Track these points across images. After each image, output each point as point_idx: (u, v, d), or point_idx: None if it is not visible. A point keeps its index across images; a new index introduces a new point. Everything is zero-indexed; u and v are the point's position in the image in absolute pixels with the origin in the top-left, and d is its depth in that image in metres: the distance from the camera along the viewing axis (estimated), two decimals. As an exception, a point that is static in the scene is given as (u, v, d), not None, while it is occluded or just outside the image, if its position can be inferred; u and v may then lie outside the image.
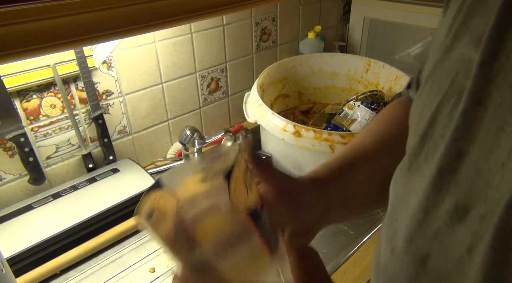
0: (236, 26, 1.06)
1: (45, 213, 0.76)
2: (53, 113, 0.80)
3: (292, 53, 1.28)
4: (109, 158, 0.90)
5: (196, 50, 1.00)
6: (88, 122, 0.86)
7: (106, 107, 0.88)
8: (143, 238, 0.79)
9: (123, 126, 0.93)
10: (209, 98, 1.09)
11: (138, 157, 0.99)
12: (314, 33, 1.23)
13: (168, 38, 0.93)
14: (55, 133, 0.82)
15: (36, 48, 0.31)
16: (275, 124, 0.76)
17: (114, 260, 0.74)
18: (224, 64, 1.08)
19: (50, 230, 0.72)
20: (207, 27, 1.00)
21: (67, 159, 0.86)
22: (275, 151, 0.86)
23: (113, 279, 0.70)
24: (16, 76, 0.71)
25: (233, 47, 1.08)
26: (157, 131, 1.01)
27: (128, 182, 0.84)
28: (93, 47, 0.81)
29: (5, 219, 0.74)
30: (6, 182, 0.79)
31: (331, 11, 1.36)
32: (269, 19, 1.14)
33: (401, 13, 1.19)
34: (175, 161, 1.00)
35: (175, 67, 0.97)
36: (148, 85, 0.94)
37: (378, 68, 0.99)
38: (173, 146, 1.05)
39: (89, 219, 0.75)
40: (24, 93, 0.75)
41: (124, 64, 0.87)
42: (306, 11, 1.25)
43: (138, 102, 0.94)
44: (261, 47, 1.17)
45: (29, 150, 0.75)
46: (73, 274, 0.71)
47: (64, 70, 0.77)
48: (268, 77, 0.96)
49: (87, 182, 0.84)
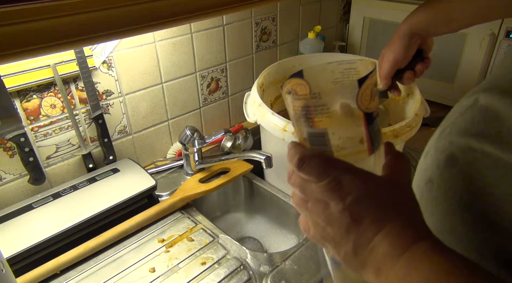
0: (236, 26, 1.06)
1: (45, 213, 0.76)
2: (53, 113, 0.80)
3: (292, 53, 1.28)
4: (109, 158, 0.90)
5: (196, 50, 1.00)
6: (88, 122, 0.86)
7: (106, 107, 0.88)
8: (143, 238, 0.79)
9: (123, 126, 0.93)
10: (209, 98, 1.09)
11: (138, 157, 0.99)
12: (314, 33, 1.23)
13: (168, 38, 0.93)
14: (55, 133, 0.82)
15: (36, 48, 0.31)
16: (275, 124, 0.76)
17: (114, 260, 0.74)
18: (224, 64, 1.08)
19: (50, 230, 0.72)
20: (207, 27, 1.00)
21: (67, 159, 0.86)
22: (275, 151, 0.86)
23: (113, 279, 0.70)
24: (16, 76, 0.71)
25: (233, 47, 1.08)
26: (157, 131, 1.01)
27: (128, 182, 0.84)
28: (93, 47, 0.81)
29: (5, 219, 0.74)
30: (6, 182, 0.79)
31: (331, 11, 1.36)
32: (269, 19, 1.14)
33: (401, 13, 1.18)
34: (175, 161, 1.00)
35: (175, 67, 0.97)
36: (148, 85, 0.94)
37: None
38: (173, 146, 1.05)
39: (89, 219, 0.75)
40: (24, 93, 0.75)
41: (124, 64, 0.87)
42: (306, 11, 1.25)
43: (138, 102, 0.94)
44: (261, 47, 1.17)
45: (29, 150, 0.75)
46: (73, 274, 0.71)
47: (64, 70, 0.77)
48: (268, 77, 0.96)
49: (87, 182, 0.84)
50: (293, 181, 0.33)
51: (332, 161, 0.31)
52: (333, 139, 0.31)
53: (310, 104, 0.30)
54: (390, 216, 0.29)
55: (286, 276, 0.70)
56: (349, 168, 0.31)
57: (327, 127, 0.31)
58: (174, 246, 0.76)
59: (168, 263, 0.73)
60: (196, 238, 0.79)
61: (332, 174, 0.30)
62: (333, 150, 0.32)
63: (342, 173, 0.30)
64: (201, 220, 0.83)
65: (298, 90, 0.34)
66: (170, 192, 0.91)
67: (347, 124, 0.31)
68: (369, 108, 0.31)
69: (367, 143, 0.32)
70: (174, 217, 0.84)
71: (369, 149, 0.32)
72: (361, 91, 0.29)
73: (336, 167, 0.30)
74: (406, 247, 0.28)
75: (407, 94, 0.91)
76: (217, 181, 0.93)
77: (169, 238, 0.78)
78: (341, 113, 0.31)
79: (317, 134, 0.31)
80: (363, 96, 0.30)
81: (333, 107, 0.30)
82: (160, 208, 0.83)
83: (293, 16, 1.22)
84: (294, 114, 0.32)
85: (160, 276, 0.70)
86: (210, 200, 1.00)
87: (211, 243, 0.77)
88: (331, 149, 0.32)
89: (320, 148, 0.32)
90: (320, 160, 0.31)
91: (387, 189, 0.31)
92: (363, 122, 0.31)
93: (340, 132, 0.31)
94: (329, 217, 0.30)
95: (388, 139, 0.71)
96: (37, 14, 0.30)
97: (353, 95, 0.30)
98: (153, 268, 0.71)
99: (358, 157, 0.32)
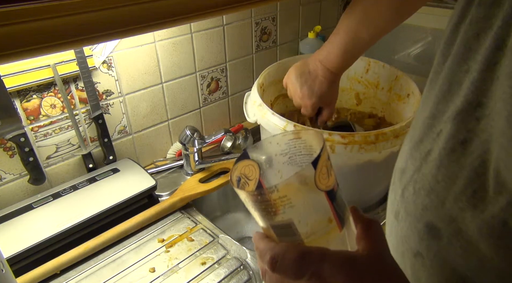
0: (236, 26, 1.06)
1: (45, 213, 0.76)
2: (53, 113, 0.80)
3: (292, 53, 1.28)
4: (109, 158, 0.90)
5: (196, 50, 1.00)
6: (88, 122, 0.86)
7: (106, 107, 0.88)
8: (143, 238, 0.79)
9: (123, 126, 0.93)
10: (209, 98, 1.09)
11: (138, 157, 0.99)
12: (314, 33, 1.23)
13: (168, 38, 0.93)
14: (55, 133, 0.82)
15: (36, 48, 0.31)
16: (275, 124, 0.76)
17: (114, 260, 0.74)
18: (224, 64, 1.08)
19: (50, 230, 0.72)
20: (207, 27, 1.00)
21: (67, 159, 0.86)
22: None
23: (113, 279, 0.70)
24: (16, 76, 0.71)
25: (233, 47, 1.08)
26: (157, 131, 1.01)
27: (128, 182, 0.84)
28: (93, 47, 0.81)
29: (5, 219, 0.74)
30: (6, 182, 0.79)
31: (331, 11, 1.36)
32: (269, 19, 1.14)
33: (401, 13, 1.19)
34: (175, 161, 1.00)
35: (175, 67, 0.97)
36: (148, 85, 0.94)
37: (378, 68, 0.99)
38: (173, 146, 1.05)
39: (89, 219, 0.75)
40: (24, 93, 0.75)
41: (124, 64, 0.87)
42: (306, 11, 1.25)
43: (138, 102, 0.94)
44: (261, 47, 1.17)
45: (29, 150, 0.75)
46: (73, 274, 0.71)
47: (64, 70, 0.77)
48: (268, 77, 0.96)
49: (87, 182, 0.84)
50: (269, 280, 0.31)
51: (306, 254, 0.29)
52: (301, 227, 0.30)
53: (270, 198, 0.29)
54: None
55: (286, 276, 0.70)
56: (325, 256, 0.28)
57: (291, 217, 0.30)
58: (174, 246, 0.76)
59: (168, 263, 0.73)
60: (196, 238, 0.79)
61: (310, 269, 0.28)
62: (302, 238, 0.30)
63: (319, 265, 0.28)
64: (201, 220, 0.83)
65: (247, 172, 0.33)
66: (170, 192, 0.91)
67: (312, 209, 0.30)
68: (329, 185, 0.30)
69: (336, 220, 0.31)
70: (174, 217, 0.84)
71: (339, 226, 0.31)
72: (317, 172, 0.29)
73: (312, 260, 0.28)
74: None
75: (407, 94, 0.91)
76: (217, 181, 0.93)
77: (169, 238, 0.78)
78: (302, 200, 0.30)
79: (283, 226, 0.30)
80: (321, 176, 0.29)
81: (293, 197, 0.29)
82: (160, 208, 0.83)
83: (293, 16, 1.22)
84: (253, 209, 0.31)
85: (160, 276, 0.70)
86: (210, 200, 1.00)
87: (211, 243, 0.77)
88: (300, 238, 0.30)
89: (289, 239, 0.31)
90: (294, 256, 0.28)
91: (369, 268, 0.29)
92: (327, 201, 0.30)
93: (307, 218, 0.30)
94: None
95: (388, 139, 0.71)
96: (37, 14, 0.30)
97: (311, 178, 0.29)
98: (153, 268, 0.71)
99: (329, 237, 0.31)
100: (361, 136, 0.70)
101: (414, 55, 1.25)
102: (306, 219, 0.30)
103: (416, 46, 1.24)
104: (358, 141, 0.70)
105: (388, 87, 0.98)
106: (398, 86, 0.95)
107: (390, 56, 1.28)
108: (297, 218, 0.30)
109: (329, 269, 0.28)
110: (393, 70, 0.96)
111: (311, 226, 0.30)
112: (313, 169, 0.29)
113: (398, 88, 0.95)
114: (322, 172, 0.29)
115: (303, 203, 0.30)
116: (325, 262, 0.28)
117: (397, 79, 0.95)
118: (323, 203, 0.30)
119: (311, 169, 0.28)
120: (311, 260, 0.28)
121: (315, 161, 0.28)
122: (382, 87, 1.00)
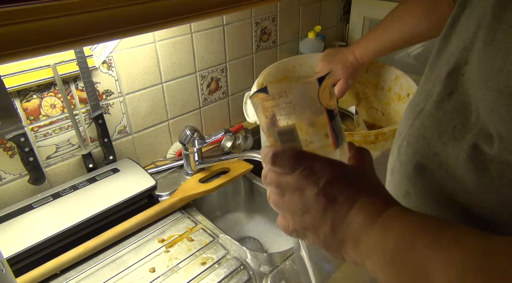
0: (236, 26, 1.06)
1: (45, 213, 0.76)
2: (53, 113, 0.80)
3: (292, 53, 1.28)
4: (109, 158, 0.90)
5: (196, 50, 1.00)
6: (88, 122, 0.86)
7: (106, 107, 0.88)
8: (143, 238, 0.79)
9: (123, 126, 0.93)
10: (209, 98, 1.09)
11: (138, 157, 0.99)
12: (314, 33, 1.23)
13: (168, 38, 0.93)
14: (55, 133, 0.82)
15: (36, 48, 0.31)
16: (275, 124, 0.76)
17: (114, 260, 0.74)
18: (224, 64, 1.08)
19: (50, 230, 0.72)
20: (207, 27, 1.00)
21: (67, 159, 0.86)
22: (275, 151, 0.86)
23: (113, 279, 0.70)
24: (16, 76, 0.71)
25: (233, 47, 1.08)
26: (157, 131, 1.01)
27: (128, 182, 0.84)
28: (93, 47, 0.81)
29: (5, 219, 0.74)
30: (6, 182, 0.79)
31: (331, 11, 1.36)
32: (269, 19, 1.14)
33: (401, 13, 1.19)
34: (175, 161, 1.00)
35: (175, 67, 0.97)
36: (148, 85, 0.94)
37: (378, 68, 0.99)
38: (173, 146, 1.05)
39: (89, 219, 0.75)
40: (24, 93, 0.75)
41: (124, 64, 0.87)
42: (306, 11, 1.25)
43: (138, 102, 0.94)
44: (261, 47, 1.17)
45: (29, 150, 0.75)
46: (73, 274, 0.71)
47: (64, 70, 0.77)
48: (268, 77, 0.96)
49: (87, 182, 0.84)
50: (269, 178, 0.35)
51: (303, 152, 0.34)
52: (301, 133, 0.35)
53: (279, 102, 0.33)
54: (361, 193, 0.32)
55: (286, 276, 0.70)
56: (319, 157, 0.33)
57: (294, 122, 0.34)
58: (174, 246, 0.76)
59: (168, 263, 0.73)
60: (196, 238, 0.79)
61: (304, 163, 0.33)
62: (302, 145, 0.35)
63: (313, 161, 0.33)
64: (201, 220, 0.83)
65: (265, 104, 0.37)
66: (170, 192, 0.91)
67: (313, 119, 0.35)
68: (329, 105, 0.34)
69: (332, 137, 0.35)
70: (174, 217, 0.84)
71: (334, 143, 0.36)
72: (321, 89, 0.33)
73: (307, 157, 0.33)
74: (378, 214, 0.30)
75: (407, 94, 0.91)
76: (217, 181, 0.93)
77: (169, 238, 0.78)
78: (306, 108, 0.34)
79: (287, 131, 0.35)
80: (323, 94, 0.33)
81: (298, 104, 0.33)
82: (160, 208, 0.83)
83: (293, 16, 1.22)
84: (264, 118, 0.35)
85: (160, 276, 0.70)
86: (210, 200, 1.00)
87: (211, 243, 0.77)
88: (300, 144, 0.35)
89: (290, 144, 0.35)
90: (292, 153, 0.33)
91: (355, 173, 0.34)
92: (326, 117, 0.34)
93: (307, 126, 0.35)
94: (306, 203, 0.33)
95: (388, 139, 0.71)
96: (37, 14, 0.30)
97: (315, 92, 0.33)
98: (153, 268, 0.71)
99: (325, 151, 0.35)
100: (361, 136, 0.70)
101: (414, 55, 1.25)
102: (306, 127, 0.35)
103: (416, 46, 1.24)
104: (357, 141, 0.70)
105: (388, 87, 0.98)
106: (398, 86, 0.95)
107: (390, 56, 1.28)
108: (299, 124, 0.34)
109: (320, 165, 0.33)
110: (393, 70, 0.96)
111: (310, 135, 0.35)
112: (317, 85, 0.33)
113: (398, 88, 0.95)
114: (325, 92, 0.33)
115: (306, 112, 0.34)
116: (319, 161, 0.33)
117: (397, 79, 0.95)
118: (323, 118, 0.34)
119: (316, 84, 0.33)
120: (306, 158, 0.33)
121: (320, 79, 0.33)
122: (382, 87, 1.00)
